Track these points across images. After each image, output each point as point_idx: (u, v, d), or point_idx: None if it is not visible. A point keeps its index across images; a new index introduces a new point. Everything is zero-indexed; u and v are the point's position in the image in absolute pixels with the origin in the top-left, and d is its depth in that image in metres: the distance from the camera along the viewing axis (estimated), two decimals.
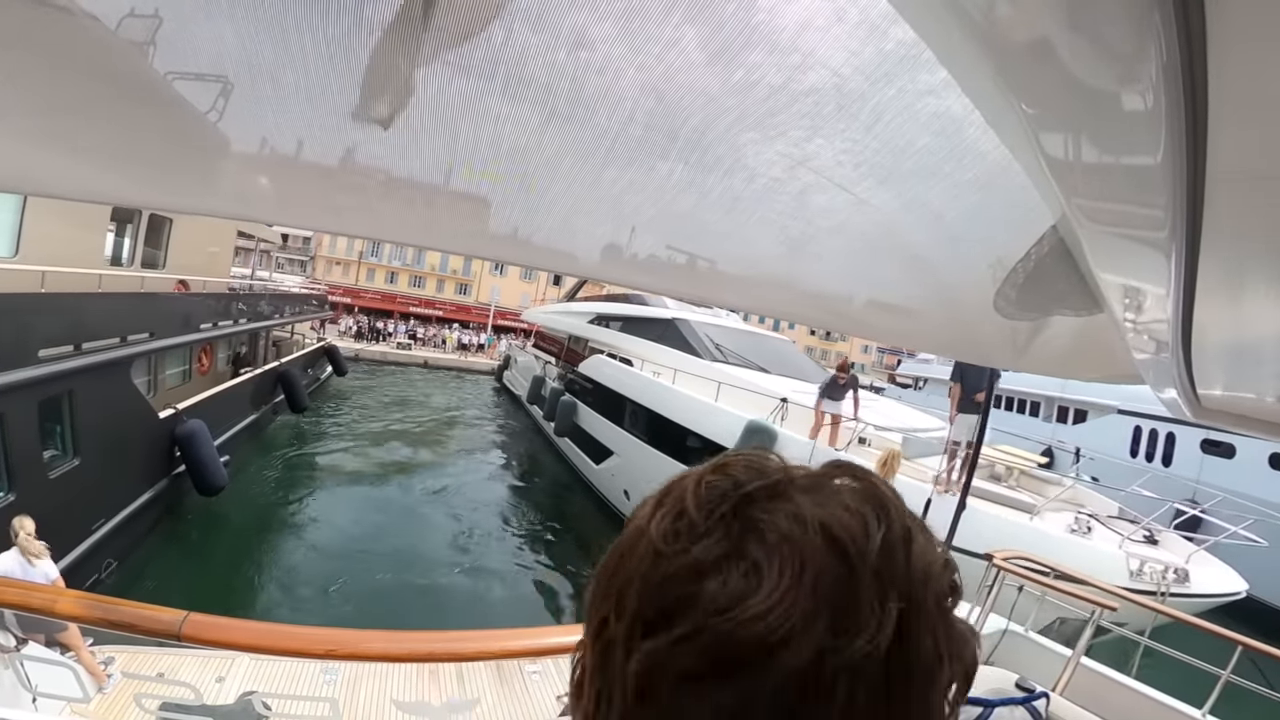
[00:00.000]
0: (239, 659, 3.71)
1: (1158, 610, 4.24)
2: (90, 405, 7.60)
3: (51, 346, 6.90)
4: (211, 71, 0.81)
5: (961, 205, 0.94)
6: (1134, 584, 6.07)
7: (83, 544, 7.39)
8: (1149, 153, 0.36)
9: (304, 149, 0.94)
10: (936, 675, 0.32)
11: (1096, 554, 6.58)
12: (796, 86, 0.81)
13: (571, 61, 0.82)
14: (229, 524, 10.42)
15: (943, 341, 1.71)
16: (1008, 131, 0.64)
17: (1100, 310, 0.93)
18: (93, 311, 7.87)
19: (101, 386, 7.87)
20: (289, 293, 21.17)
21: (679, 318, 14.78)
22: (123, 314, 8.74)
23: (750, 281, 1.33)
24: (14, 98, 0.80)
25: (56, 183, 1.07)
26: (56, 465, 7.08)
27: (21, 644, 2.61)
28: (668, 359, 13.44)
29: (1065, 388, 19.77)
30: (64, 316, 7.22)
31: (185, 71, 0.80)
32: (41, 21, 0.72)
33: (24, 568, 3.94)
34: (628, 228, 1.14)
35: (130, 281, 9.75)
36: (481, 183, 1.02)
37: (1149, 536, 7.27)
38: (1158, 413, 15.57)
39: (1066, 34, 0.34)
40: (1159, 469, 15.64)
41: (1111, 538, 7.16)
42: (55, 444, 7.26)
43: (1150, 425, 17.18)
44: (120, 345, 8.48)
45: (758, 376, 11.90)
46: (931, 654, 0.31)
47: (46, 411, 6.85)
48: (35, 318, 6.67)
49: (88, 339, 7.63)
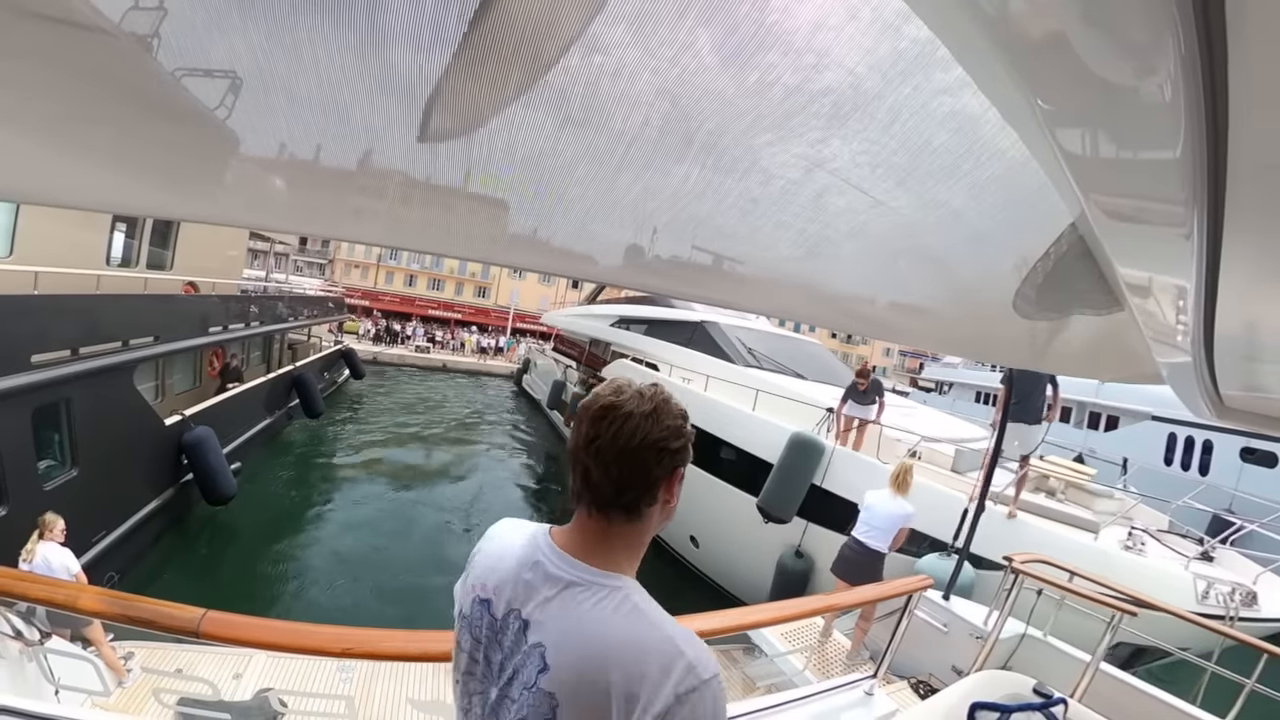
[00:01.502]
0: (256, 656, 3.76)
1: (1234, 637, 3.79)
2: (90, 413, 7.23)
3: (46, 351, 6.53)
4: (225, 79, 0.82)
5: (980, 205, 0.93)
6: (1202, 607, 5.58)
7: (82, 557, 6.67)
8: (1168, 146, 0.36)
9: (322, 154, 0.95)
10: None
11: (1163, 576, 6.08)
12: (812, 87, 0.81)
13: (585, 66, 0.82)
14: (239, 534, 10.04)
15: (961, 341, 1.69)
16: (1024, 128, 0.63)
17: (1120, 309, 0.92)
18: (91, 314, 7.49)
19: (102, 393, 7.48)
20: (304, 295, 20.74)
21: (708, 320, 13.95)
22: (124, 317, 8.31)
23: (770, 284, 1.32)
24: (29, 107, 0.82)
25: (67, 192, 1.09)
26: (53, 476, 6.72)
27: (45, 638, 2.67)
28: (698, 364, 12.59)
29: (1099, 393, 18.90)
30: (59, 320, 6.82)
31: (196, 74, 0.81)
32: (58, 34, 0.74)
33: (46, 564, 4.04)
34: (645, 232, 1.14)
35: (133, 283, 9.32)
36: (497, 189, 1.02)
37: (1205, 553, 6.69)
38: (1195, 419, 14.85)
39: (1081, 27, 0.33)
40: (1195, 478, 14.89)
41: (1168, 555, 6.63)
42: (52, 453, 6.89)
43: (1186, 432, 16.51)
44: (122, 350, 8.09)
45: (794, 383, 11.14)
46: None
47: (41, 420, 6.49)
48: (27, 321, 6.32)
49: (86, 343, 7.25)
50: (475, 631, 0.85)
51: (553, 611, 0.79)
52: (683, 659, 0.73)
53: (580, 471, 0.84)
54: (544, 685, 0.75)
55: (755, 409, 9.88)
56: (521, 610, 0.81)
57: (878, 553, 4.87)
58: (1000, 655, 4.05)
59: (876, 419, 8.56)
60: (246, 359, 14.52)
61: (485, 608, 0.85)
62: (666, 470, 0.83)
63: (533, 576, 0.82)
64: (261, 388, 13.86)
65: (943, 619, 4.40)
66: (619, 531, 0.84)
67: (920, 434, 8.10)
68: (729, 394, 10.72)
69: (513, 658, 0.80)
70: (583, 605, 0.78)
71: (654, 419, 0.82)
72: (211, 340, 11.46)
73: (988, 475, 5.09)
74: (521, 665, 0.78)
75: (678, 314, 15.26)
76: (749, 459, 9.31)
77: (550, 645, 0.77)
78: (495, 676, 0.82)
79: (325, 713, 3.19)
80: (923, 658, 4.32)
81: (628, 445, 0.80)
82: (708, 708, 0.72)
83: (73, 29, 0.73)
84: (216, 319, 11.62)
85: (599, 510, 0.83)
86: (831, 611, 4.72)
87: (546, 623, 0.78)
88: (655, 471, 0.82)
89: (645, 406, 0.83)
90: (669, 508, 0.86)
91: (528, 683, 0.76)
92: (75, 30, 0.74)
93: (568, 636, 0.76)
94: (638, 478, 0.82)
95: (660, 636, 0.75)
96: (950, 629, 4.34)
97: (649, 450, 0.81)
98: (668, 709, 0.70)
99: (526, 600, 0.81)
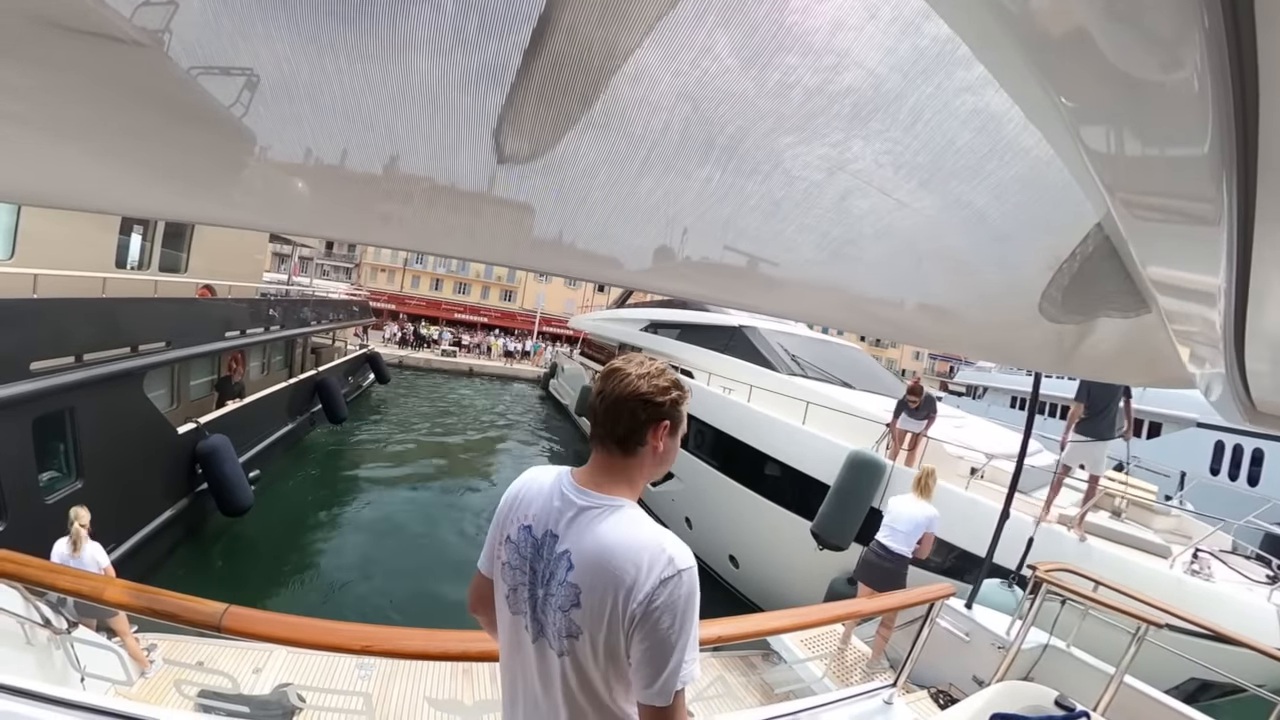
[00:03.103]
0: (276, 651, 3.81)
1: None
2: (96, 422, 6.88)
3: (47, 358, 6.20)
4: (247, 87, 0.83)
5: (1005, 205, 0.92)
6: None
7: None
8: (1195, 141, 0.35)
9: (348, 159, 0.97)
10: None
11: (1245, 607, 5.44)
12: (833, 88, 0.80)
13: (606, 71, 0.83)
14: (257, 545, 9.59)
15: (987, 346, 1.67)
16: (1048, 126, 0.62)
17: (1148, 311, 0.90)
18: (95, 319, 7.11)
19: (109, 401, 7.12)
20: (327, 299, 20.43)
21: (746, 325, 12.97)
22: (133, 322, 7.88)
23: (797, 288, 1.32)
24: (60, 114, 0.84)
25: (96, 197, 1.12)
26: (56, 488, 6.37)
27: (73, 627, 2.74)
28: (739, 372, 11.73)
29: (1140, 398, 17.90)
30: (60, 325, 6.46)
31: (215, 73, 0.83)
32: (95, 50, 0.76)
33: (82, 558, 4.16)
34: (669, 235, 1.14)
35: (143, 286, 8.83)
36: (520, 194, 1.03)
37: (1272, 576, 6.11)
38: (1244, 426, 14.10)
39: (1104, 21, 0.33)
40: (1244, 488, 14.28)
41: (1238, 580, 5.97)
42: (55, 465, 6.55)
43: (1235, 440, 15.55)
44: (131, 356, 7.68)
45: (844, 393, 10.27)
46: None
47: (43, 430, 6.16)
48: (25, 327, 5.97)
49: (90, 349, 6.85)
50: (522, 549, 1.12)
51: (574, 527, 1.07)
52: (664, 553, 0.99)
53: (591, 416, 1.14)
54: (571, 579, 1.03)
55: (805, 422, 9.07)
56: (553, 529, 1.08)
57: (901, 557, 4.81)
58: (1022, 666, 3.97)
59: (925, 432, 8.04)
60: (267, 364, 14.16)
61: (528, 531, 1.12)
62: (651, 418, 1.09)
63: (560, 504, 1.10)
64: (282, 393, 13.48)
65: (965, 628, 4.33)
66: (619, 465, 1.11)
67: (983, 450, 7.55)
68: (773, 404, 9.97)
69: (550, 564, 1.07)
70: (594, 521, 1.06)
71: (644, 379, 1.09)
72: (228, 345, 10.96)
73: (1012, 486, 4.97)
74: (555, 567, 1.06)
75: (713, 318, 14.41)
76: (797, 476, 8.63)
77: (574, 550, 1.04)
78: (541, 579, 1.08)
79: (343, 709, 3.23)
80: (943, 667, 4.26)
81: (620, 395, 1.09)
82: (683, 590, 0.98)
83: (103, 41, 0.76)
84: (234, 323, 11.16)
85: (601, 446, 1.12)
86: (853, 618, 4.66)
87: (569, 535, 1.06)
88: (640, 416, 1.09)
89: (639, 370, 1.11)
90: (658, 455, 1.13)
91: (560, 579, 1.04)
92: (107, 42, 0.76)
93: (584, 543, 1.04)
94: (625, 420, 1.09)
95: (650, 538, 1.02)
96: (972, 638, 4.27)
97: (636, 400, 1.08)
98: (654, 589, 0.96)
99: (556, 522, 1.08)
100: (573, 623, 1.03)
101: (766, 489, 9.20)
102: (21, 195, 1.29)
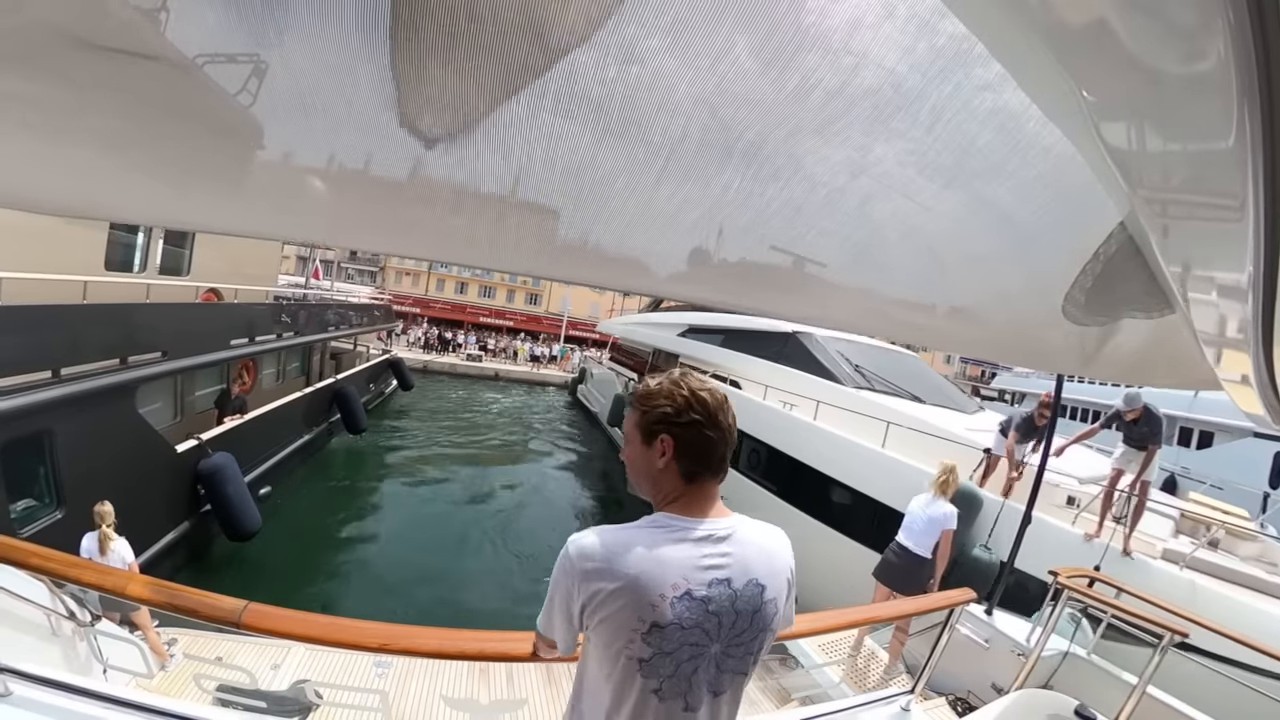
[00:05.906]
0: (294, 648, 3.85)
1: None
2: (78, 443, 6.13)
3: (16, 374, 5.49)
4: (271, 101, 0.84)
5: (1028, 206, 0.91)
6: None
7: None
8: (1220, 135, 0.35)
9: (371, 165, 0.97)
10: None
11: None
12: (853, 90, 0.80)
13: (622, 77, 0.83)
14: (266, 570, 8.67)
15: (1011, 350, 1.65)
16: (1068, 123, 0.62)
17: (1172, 311, 0.89)
18: (74, 328, 6.32)
19: (94, 420, 6.37)
20: (346, 303, 19.74)
21: (800, 331, 11.43)
22: (122, 330, 7.08)
23: (818, 293, 1.30)
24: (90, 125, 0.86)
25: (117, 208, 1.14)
26: (33, 519, 5.67)
27: (96, 619, 2.79)
28: (798, 384, 10.40)
29: (1192, 406, 16.67)
30: (30, 336, 5.74)
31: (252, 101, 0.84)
32: (122, 65, 0.78)
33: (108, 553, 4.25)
34: (695, 242, 1.13)
35: (134, 290, 7.95)
36: (539, 203, 1.04)
37: None
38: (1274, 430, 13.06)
39: (1123, 12, 0.33)
40: None
41: None
42: (31, 493, 5.82)
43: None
44: (120, 369, 6.90)
45: (916, 408, 9.05)
46: None
47: (16, 455, 5.46)
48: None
49: (69, 363, 6.08)
50: (710, 616, 0.99)
51: (744, 557, 1.04)
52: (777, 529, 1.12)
53: (714, 451, 1.09)
54: (767, 596, 1.04)
55: (885, 446, 7.92)
56: (749, 575, 1.03)
57: (920, 558, 4.75)
58: (1042, 674, 3.90)
59: (1024, 457, 6.91)
60: (282, 372, 13.25)
61: (726, 584, 1.01)
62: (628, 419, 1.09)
63: (727, 549, 1.03)
64: (298, 403, 12.58)
65: (984, 634, 4.26)
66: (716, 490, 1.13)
67: (1076, 475, 6.73)
68: (837, 421, 8.83)
69: (750, 600, 1.02)
70: (743, 539, 1.07)
71: (647, 388, 1.07)
72: (235, 354, 9.95)
73: (1035, 490, 4.87)
74: (755, 599, 1.03)
75: (759, 323, 12.54)
76: (872, 505, 7.52)
77: (758, 572, 1.03)
78: (741, 626, 1.01)
79: (360, 705, 3.26)
80: (962, 674, 4.19)
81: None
82: None
83: (133, 58, 0.78)
84: (241, 330, 10.13)
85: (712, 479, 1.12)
86: (873, 623, 4.61)
87: (750, 566, 1.04)
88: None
89: (653, 383, 1.07)
90: (630, 460, 1.09)
91: (759, 602, 1.03)
92: (133, 59, 0.78)
93: (753, 559, 1.05)
94: None
95: (770, 527, 1.12)
96: (992, 645, 4.20)
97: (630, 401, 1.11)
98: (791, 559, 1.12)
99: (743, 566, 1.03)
100: (774, 631, 1.07)
101: (833, 517, 8.15)
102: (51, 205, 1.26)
